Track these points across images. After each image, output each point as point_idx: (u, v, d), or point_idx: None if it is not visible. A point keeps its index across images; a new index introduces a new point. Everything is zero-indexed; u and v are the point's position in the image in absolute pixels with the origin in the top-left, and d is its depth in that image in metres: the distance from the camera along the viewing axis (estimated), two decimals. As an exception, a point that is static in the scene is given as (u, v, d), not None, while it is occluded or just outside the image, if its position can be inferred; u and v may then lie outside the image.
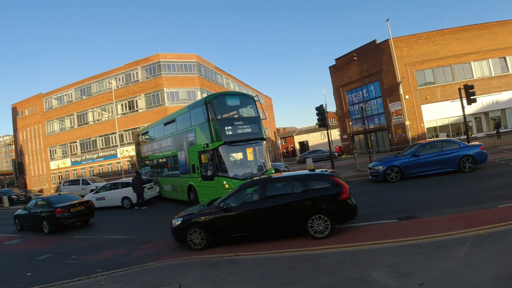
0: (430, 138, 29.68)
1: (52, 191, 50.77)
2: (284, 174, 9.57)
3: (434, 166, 13.85)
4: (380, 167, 14.51)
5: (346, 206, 7.85)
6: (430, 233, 6.79)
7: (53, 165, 52.83)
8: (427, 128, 31.64)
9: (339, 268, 5.45)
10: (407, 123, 31.38)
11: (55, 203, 14.65)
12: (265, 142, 14.40)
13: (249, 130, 13.75)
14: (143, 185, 17.90)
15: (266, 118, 14.67)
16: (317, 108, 20.90)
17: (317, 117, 21.08)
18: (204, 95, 41.70)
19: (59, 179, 51.15)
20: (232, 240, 8.49)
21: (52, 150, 53.04)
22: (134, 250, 9.46)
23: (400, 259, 5.45)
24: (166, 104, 41.81)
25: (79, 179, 31.20)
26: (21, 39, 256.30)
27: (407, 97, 31.68)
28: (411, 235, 6.82)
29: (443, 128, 31.59)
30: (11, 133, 67.00)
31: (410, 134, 31.33)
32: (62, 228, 14.25)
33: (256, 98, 14.80)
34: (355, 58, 36.30)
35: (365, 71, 35.38)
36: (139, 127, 39.44)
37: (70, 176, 50.24)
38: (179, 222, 8.90)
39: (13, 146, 68.21)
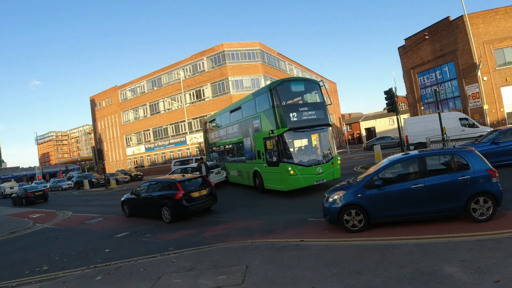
0: (511, 124, 26.84)
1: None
2: (160, 178, 14.49)
3: None
4: (456, 155, 13.43)
5: (178, 204, 11.66)
6: (510, 227, 6.25)
7: (129, 151, 57.07)
8: (507, 113, 28.47)
9: (409, 260, 5.22)
10: (485, 107, 28.46)
11: (29, 190, 26.81)
12: (330, 128, 14.10)
13: (314, 116, 13.54)
14: (210, 170, 18.67)
15: (331, 104, 14.32)
16: (385, 92, 19.90)
17: (386, 102, 20.06)
18: (268, 82, 41.84)
19: (135, 164, 55.14)
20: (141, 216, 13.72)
21: (128, 138, 57.23)
22: (203, 231, 9.90)
23: (475, 254, 5.08)
24: (231, 92, 42.74)
25: (192, 158, 33.47)
26: (96, 38, 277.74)
27: (485, 78, 28.70)
28: (489, 229, 6.32)
29: (526, 113, 28.30)
30: (91, 122, 73.22)
31: (488, 120, 28.36)
32: (33, 203, 25.64)
33: (321, 83, 14.50)
34: (427, 37, 33.73)
35: (438, 51, 32.71)
36: (206, 115, 40.90)
37: (144, 162, 53.98)
38: (122, 200, 14.80)
39: (93, 134, 74.65)
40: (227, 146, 20.20)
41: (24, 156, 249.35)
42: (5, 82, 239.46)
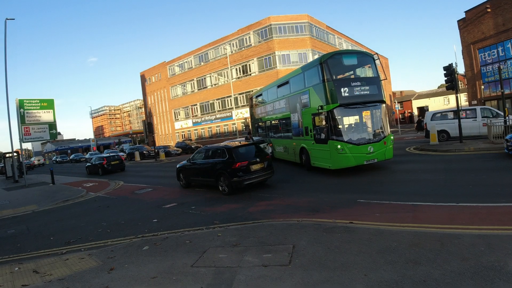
0: None
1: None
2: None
3: None
4: (520, 140, 12.13)
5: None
6: None
7: (177, 125, 58.74)
8: None
9: (471, 253, 4.67)
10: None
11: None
12: (384, 105, 13.27)
13: (367, 91, 12.74)
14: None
15: (386, 78, 13.39)
16: (445, 68, 18.44)
17: (445, 78, 18.65)
18: (316, 56, 40.56)
19: (182, 138, 56.68)
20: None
21: (176, 112, 58.76)
22: (249, 206, 9.80)
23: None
24: (278, 67, 42.05)
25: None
26: (143, 15, 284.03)
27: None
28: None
29: None
30: (141, 97, 75.83)
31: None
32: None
33: (375, 57, 13.60)
34: (489, 10, 30.66)
35: (501, 26, 29.70)
36: (252, 90, 40.69)
37: (192, 136, 55.25)
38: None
39: (143, 109, 77.30)
40: (273, 122, 19.89)
41: (79, 128, 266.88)
42: (65, 59, 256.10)
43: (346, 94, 12.37)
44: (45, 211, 13.14)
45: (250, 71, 45.82)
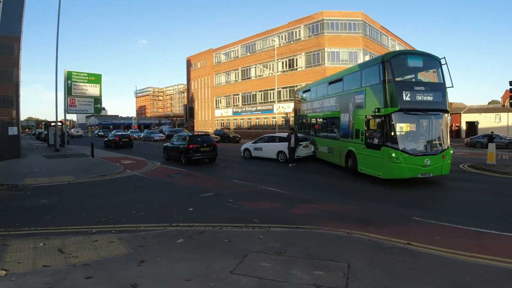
0: None
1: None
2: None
3: None
4: None
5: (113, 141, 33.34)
6: None
7: (217, 113, 58.87)
8: None
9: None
10: None
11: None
12: (447, 115, 12.08)
13: (430, 98, 11.58)
14: (299, 143, 17.86)
15: (453, 86, 12.11)
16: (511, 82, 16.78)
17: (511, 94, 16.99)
18: (367, 57, 39.00)
19: (221, 126, 56.75)
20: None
21: (218, 100, 58.84)
22: (289, 207, 9.18)
23: None
24: (326, 64, 40.74)
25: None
26: (196, 3, 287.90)
27: None
28: None
29: None
30: (185, 82, 76.88)
31: None
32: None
33: (443, 61, 12.34)
34: None
35: None
36: (296, 85, 39.73)
37: (230, 125, 55.14)
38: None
39: (186, 93, 78.33)
40: (319, 120, 18.99)
41: (123, 106, 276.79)
42: (118, 39, 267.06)
43: (408, 99, 11.28)
44: (81, 184, 13.14)
45: (296, 65, 44.76)
